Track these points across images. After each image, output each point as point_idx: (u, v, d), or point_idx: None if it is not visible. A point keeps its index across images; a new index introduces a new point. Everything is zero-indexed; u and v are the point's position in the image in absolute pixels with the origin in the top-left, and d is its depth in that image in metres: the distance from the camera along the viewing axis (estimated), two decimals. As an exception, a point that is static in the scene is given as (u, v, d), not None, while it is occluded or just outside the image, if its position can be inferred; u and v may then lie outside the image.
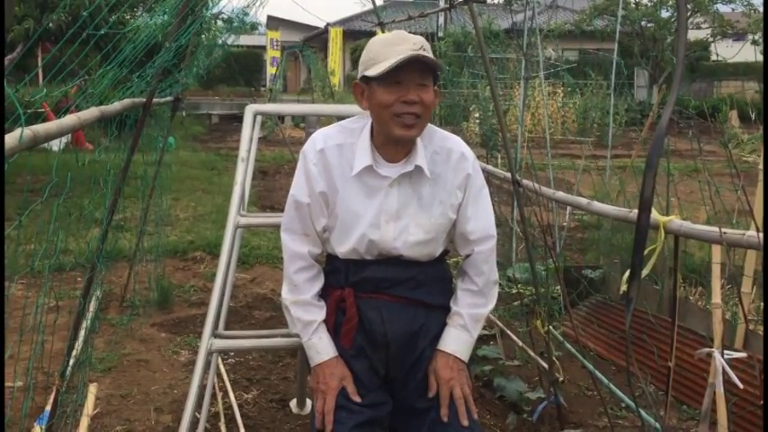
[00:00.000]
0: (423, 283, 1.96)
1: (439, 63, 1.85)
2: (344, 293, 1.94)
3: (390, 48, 1.81)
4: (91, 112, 1.96)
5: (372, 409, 1.93)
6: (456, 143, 1.99)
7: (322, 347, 1.93)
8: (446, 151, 1.95)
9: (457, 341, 1.97)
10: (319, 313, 1.96)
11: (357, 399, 1.89)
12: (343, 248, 1.94)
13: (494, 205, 2.11)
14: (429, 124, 1.97)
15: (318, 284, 1.98)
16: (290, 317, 1.98)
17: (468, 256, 2.01)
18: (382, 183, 1.90)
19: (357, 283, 1.95)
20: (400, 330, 1.94)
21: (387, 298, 1.94)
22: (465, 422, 1.89)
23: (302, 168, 1.96)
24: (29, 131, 1.26)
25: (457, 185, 1.95)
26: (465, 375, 1.97)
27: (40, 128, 1.36)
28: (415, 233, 1.92)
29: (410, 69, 1.80)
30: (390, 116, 1.83)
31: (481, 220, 1.99)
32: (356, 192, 1.90)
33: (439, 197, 1.93)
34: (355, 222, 1.90)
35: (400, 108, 1.81)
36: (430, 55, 1.82)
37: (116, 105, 2.47)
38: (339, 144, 1.93)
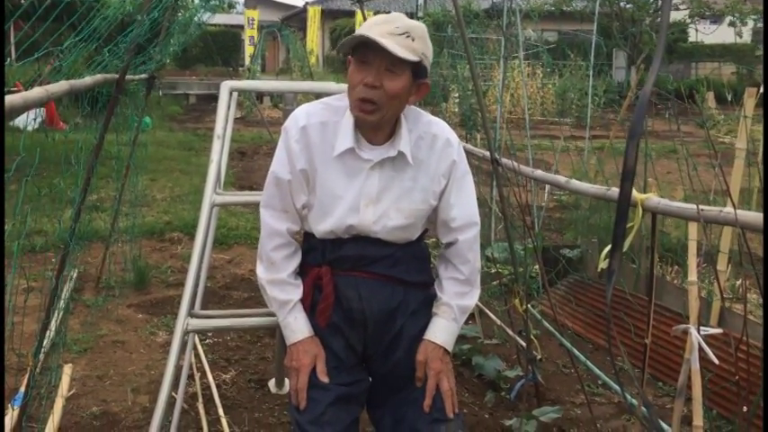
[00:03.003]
0: (400, 260, 1.94)
1: (414, 45, 1.74)
2: (321, 271, 1.92)
3: (373, 27, 1.76)
4: (60, 86, 1.91)
5: (348, 386, 1.92)
6: (441, 129, 1.94)
7: (297, 327, 1.91)
8: (431, 137, 1.91)
9: (446, 332, 1.95)
10: (296, 292, 1.93)
11: (325, 379, 1.87)
12: (320, 228, 1.91)
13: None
14: (415, 108, 1.94)
15: (295, 262, 1.96)
16: (267, 296, 1.96)
17: (450, 244, 1.98)
18: (363, 165, 1.86)
19: (334, 261, 1.92)
20: (378, 307, 1.92)
21: (364, 275, 1.92)
22: (451, 414, 1.90)
23: (283, 144, 1.90)
24: (-9, 103, 1.22)
25: (441, 172, 1.91)
26: (450, 367, 1.97)
27: (5, 100, 1.32)
28: (394, 218, 1.89)
29: (378, 51, 1.73)
30: (354, 98, 1.80)
31: (464, 207, 1.95)
32: (336, 173, 1.87)
33: (421, 183, 1.89)
34: (334, 204, 1.87)
35: (361, 91, 1.77)
36: (405, 42, 1.73)
37: (87, 80, 2.41)
38: (323, 122, 1.88)
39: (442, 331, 1.95)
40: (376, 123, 1.83)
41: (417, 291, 1.99)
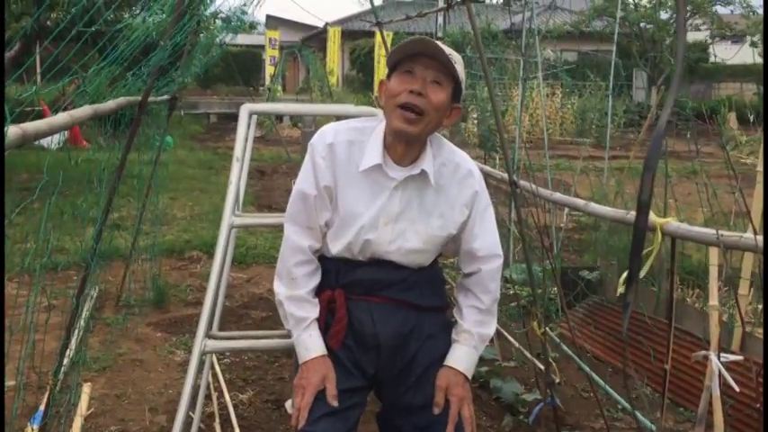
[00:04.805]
0: (414, 285, 1.95)
1: (456, 67, 1.82)
2: (335, 294, 1.93)
3: (417, 43, 1.81)
4: (84, 111, 1.94)
5: (346, 409, 1.89)
6: (464, 159, 1.98)
7: (312, 344, 1.90)
8: (454, 165, 1.94)
9: (467, 359, 1.96)
10: (313, 311, 1.93)
11: (335, 403, 1.85)
12: (337, 246, 1.92)
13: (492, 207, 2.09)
14: (439, 136, 1.97)
15: (315, 281, 1.95)
16: (283, 311, 1.95)
17: (472, 273, 1.99)
18: (388, 184, 1.88)
19: (347, 285, 1.93)
20: (391, 332, 1.92)
21: (377, 300, 1.93)
22: None
23: (309, 161, 1.93)
24: (17, 129, 1.24)
25: (463, 202, 1.93)
26: (470, 395, 1.97)
27: (30, 126, 1.35)
28: (411, 240, 1.90)
29: (425, 64, 1.80)
30: (394, 106, 1.81)
31: (487, 238, 1.98)
32: (359, 190, 1.88)
33: (440, 209, 1.91)
34: (354, 220, 1.89)
35: (405, 98, 1.79)
36: (453, 62, 1.80)
37: (110, 104, 2.45)
38: (350, 140, 1.91)
39: (463, 358, 1.95)
40: (414, 136, 1.84)
41: (431, 315, 1.99)
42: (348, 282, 1.93)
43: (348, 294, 1.93)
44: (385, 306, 1.92)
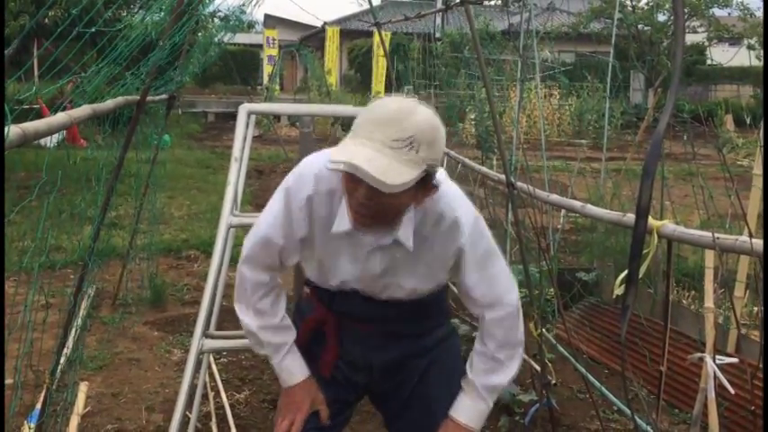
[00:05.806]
0: (411, 314, 1.87)
1: (396, 189, 1.44)
2: (327, 317, 1.87)
3: (373, 130, 1.47)
4: (83, 110, 1.95)
5: (334, 427, 1.90)
6: (449, 207, 1.70)
7: (295, 368, 1.86)
8: (436, 216, 1.69)
9: (470, 410, 1.84)
10: (290, 335, 1.87)
11: (329, 423, 1.85)
12: (323, 286, 1.84)
13: (489, 208, 2.06)
14: None
15: (283, 304, 1.88)
16: (257, 339, 1.87)
17: (480, 318, 1.84)
18: (363, 247, 1.70)
19: (341, 312, 1.86)
20: (383, 361, 1.88)
21: (370, 329, 1.87)
22: None
23: (283, 208, 1.73)
24: (17, 129, 1.25)
25: (446, 258, 1.74)
26: None
27: (30, 126, 1.35)
28: (399, 292, 1.79)
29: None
30: (350, 206, 1.60)
31: (489, 287, 1.78)
32: (338, 246, 1.73)
33: (425, 260, 1.73)
34: (337, 270, 1.77)
35: (356, 203, 1.55)
36: (407, 156, 1.45)
37: (109, 103, 2.46)
38: (330, 190, 1.68)
39: (465, 409, 1.85)
40: (370, 232, 1.67)
41: (430, 334, 1.93)
42: (342, 310, 1.85)
43: (340, 320, 1.86)
44: (378, 338, 1.87)
